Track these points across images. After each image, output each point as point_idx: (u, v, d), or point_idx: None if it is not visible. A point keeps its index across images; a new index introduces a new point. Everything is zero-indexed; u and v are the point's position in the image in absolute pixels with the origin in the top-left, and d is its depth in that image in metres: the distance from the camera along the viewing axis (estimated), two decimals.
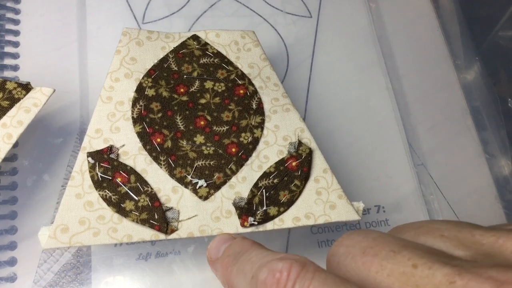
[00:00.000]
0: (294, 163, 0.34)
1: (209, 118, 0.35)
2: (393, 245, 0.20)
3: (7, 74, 0.43)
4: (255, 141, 0.35)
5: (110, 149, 0.33)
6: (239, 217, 0.32)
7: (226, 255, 0.27)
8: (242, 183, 0.33)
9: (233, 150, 0.34)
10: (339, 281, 0.20)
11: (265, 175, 0.34)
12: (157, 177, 0.33)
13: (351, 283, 0.19)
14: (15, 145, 0.35)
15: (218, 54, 0.38)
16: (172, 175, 0.33)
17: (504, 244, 0.18)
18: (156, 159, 0.33)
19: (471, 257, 0.19)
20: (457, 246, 0.19)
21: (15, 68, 0.44)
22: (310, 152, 0.35)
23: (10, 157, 0.40)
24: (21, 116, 0.34)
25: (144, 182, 0.32)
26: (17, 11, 0.46)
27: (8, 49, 0.44)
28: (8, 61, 0.44)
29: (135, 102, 0.35)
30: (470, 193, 0.46)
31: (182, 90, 0.36)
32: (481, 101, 0.51)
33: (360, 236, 0.21)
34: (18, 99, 0.35)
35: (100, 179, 0.32)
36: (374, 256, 0.20)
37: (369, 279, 0.20)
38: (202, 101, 0.36)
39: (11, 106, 0.34)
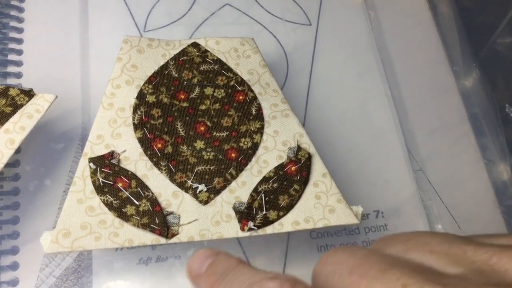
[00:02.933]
0: (293, 168, 0.34)
1: (209, 124, 0.36)
2: (381, 263, 0.19)
3: (10, 81, 0.44)
4: (255, 146, 0.35)
5: (111, 154, 0.33)
6: (239, 221, 0.33)
7: (211, 273, 0.26)
8: (242, 188, 0.34)
9: (233, 155, 0.35)
10: None
11: (265, 179, 0.34)
12: (158, 182, 0.33)
13: None
14: (18, 150, 0.35)
15: (218, 61, 0.38)
16: (172, 180, 0.33)
17: (498, 262, 0.18)
18: (156, 164, 0.34)
19: (462, 274, 0.18)
20: (448, 263, 0.19)
21: (18, 75, 0.44)
22: (309, 157, 0.35)
23: (13, 163, 0.40)
24: (23, 122, 0.35)
25: (145, 187, 0.33)
26: (20, 20, 0.47)
27: (12, 56, 0.45)
28: (11, 69, 0.44)
29: (136, 108, 0.35)
30: (468, 198, 0.46)
31: (182, 96, 0.36)
32: (480, 107, 0.51)
33: (346, 254, 0.21)
34: (21, 105, 0.35)
35: (101, 184, 0.32)
36: (362, 276, 0.19)
37: None
38: (202, 107, 0.36)
39: (14, 112, 0.35)
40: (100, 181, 0.32)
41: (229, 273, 0.24)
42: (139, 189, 0.32)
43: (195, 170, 0.34)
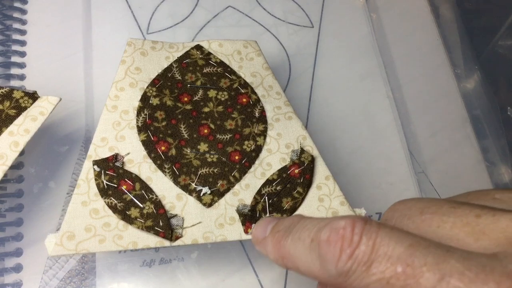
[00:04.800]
0: (296, 171, 0.35)
1: (212, 126, 0.36)
2: (450, 203, 0.21)
3: (14, 83, 0.44)
4: (258, 149, 0.35)
5: (115, 157, 0.33)
6: (242, 224, 0.33)
7: (276, 231, 0.26)
8: (245, 190, 0.34)
9: (236, 157, 0.35)
10: (405, 232, 0.20)
11: (268, 182, 0.34)
12: (162, 185, 0.33)
13: (415, 234, 0.20)
14: (22, 153, 0.35)
15: (221, 64, 0.39)
16: (176, 182, 0.33)
17: None
18: (160, 167, 0.34)
19: None
20: None
21: (22, 77, 0.44)
22: (312, 160, 0.35)
23: (17, 165, 0.41)
24: (27, 124, 0.35)
25: (149, 190, 0.33)
26: (24, 22, 0.47)
27: (15, 58, 0.45)
28: (15, 71, 0.45)
29: (139, 111, 0.35)
30: None
31: (186, 99, 0.37)
32: (481, 109, 0.51)
33: (413, 201, 0.22)
34: (25, 108, 0.35)
35: (105, 186, 0.32)
36: (434, 213, 0.21)
37: (429, 234, 0.20)
38: (206, 109, 0.36)
39: (18, 114, 0.35)
40: (104, 184, 0.32)
41: (295, 226, 0.25)
42: (143, 191, 0.32)
43: (199, 173, 0.34)
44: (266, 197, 0.34)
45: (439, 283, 0.18)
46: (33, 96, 0.36)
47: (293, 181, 0.34)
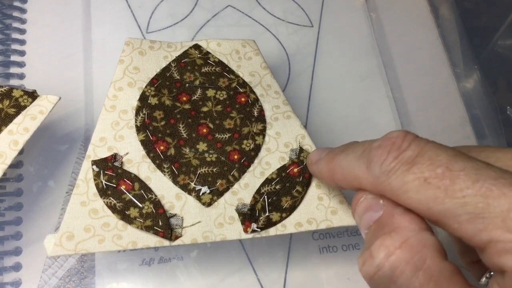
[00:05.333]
0: (295, 170, 0.35)
1: (211, 125, 0.36)
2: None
3: (13, 82, 0.44)
4: (257, 148, 0.35)
5: (114, 157, 0.33)
6: (242, 223, 0.33)
7: (332, 151, 0.28)
8: (244, 190, 0.34)
9: (235, 157, 0.35)
10: (451, 147, 0.22)
11: (267, 181, 0.34)
12: (161, 184, 0.33)
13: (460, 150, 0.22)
14: (21, 151, 0.35)
15: (220, 63, 0.39)
16: (175, 182, 0.33)
17: None
18: (159, 166, 0.34)
19: None
20: None
21: (21, 76, 0.44)
22: None
23: (16, 164, 0.41)
24: (27, 123, 0.35)
25: (148, 190, 0.33)
26: (23, 21, 0.47)
27: (15, 57, 0.45)
28: (14, 70, 0.45)
29: (138, 110, 0.35)
30: None
31: (184, 98, 0.37)
32: (481, 109, 0.51)
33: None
34: (25, 107, 0.35)
35: (104, 186, 0.32)
36: (481, 151, 0.26)
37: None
38: (204, 109, 0.36)
39: (17, 113, 0.35)
40: (103, 184, 0.32)
41: (350, 145, 0.27)
42: (142, 191, 0.32)
43: (198, 172, 0.34)
44: (266, 196, 0.34)
45: (473, 184, 0.20)
46: (32, 95, 0.36)
47: (292, 180, 0.34)
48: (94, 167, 0.33)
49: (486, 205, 0.19)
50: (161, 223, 0.32)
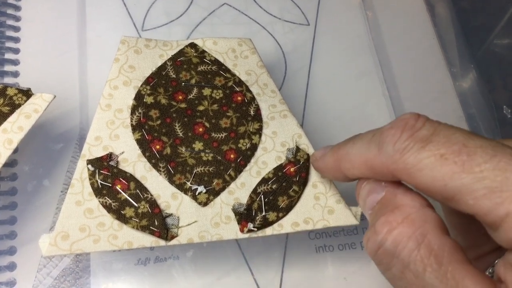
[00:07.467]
0: (292, 169, 0.34)
1: (207, 125, 0.36)
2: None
3: (8, 80, 0.44)
4: (253, 147, 0.35)
5: (109, 156, 0.33)
6: (238, 223, 0.33)
7: (336, 144, 0.29)
8: (241, 189, 0.34)
9: (232, 156, 0.35)
10: (465, 129, 0.22)
11: (264, 181, 0.34)
12: (157, 184, 0.33)
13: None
14: (15, 150, 0.35)
15: (216, 62, 0.38)
16: (171, 181, 0.33)
17: None
18: (155, 166, 0.34)
19: None
20: None
21: (15, 74, 0.44)
22: (308, 158, 0.35)
23: (10, 163, 0.40)
24: (21, 121, 0.34)
25: (144, 189, 0.33)
26: (17, 18, 0.47)
27: (9, 55, 0.45)
28: (8, 68, 0.44)
29: (134, 109, 0.35)
30: None
31: (180, 97, 0.36)
32: (477, 108, 0.51)
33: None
34: (19, 105, 0.35)
35: (100, 186, 0.32)
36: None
37: None
38: (201, 108, 0.36)
39: (11, 112, 0.35)
40: (99, 183, 0.32)
41: (355, 136, 0.27)
42: (138, 191, 0.32)
43: (194, 172, 0.34)
44: (262, 196, 0.34)
45: (491, 159, 0.20)
46: (27, 93, 0.35)
47: (289, 180, 0.34)
48: (89, 166, 0.32)
49: (505, 178, 0.19)
50: (157, 222, 0.31)
